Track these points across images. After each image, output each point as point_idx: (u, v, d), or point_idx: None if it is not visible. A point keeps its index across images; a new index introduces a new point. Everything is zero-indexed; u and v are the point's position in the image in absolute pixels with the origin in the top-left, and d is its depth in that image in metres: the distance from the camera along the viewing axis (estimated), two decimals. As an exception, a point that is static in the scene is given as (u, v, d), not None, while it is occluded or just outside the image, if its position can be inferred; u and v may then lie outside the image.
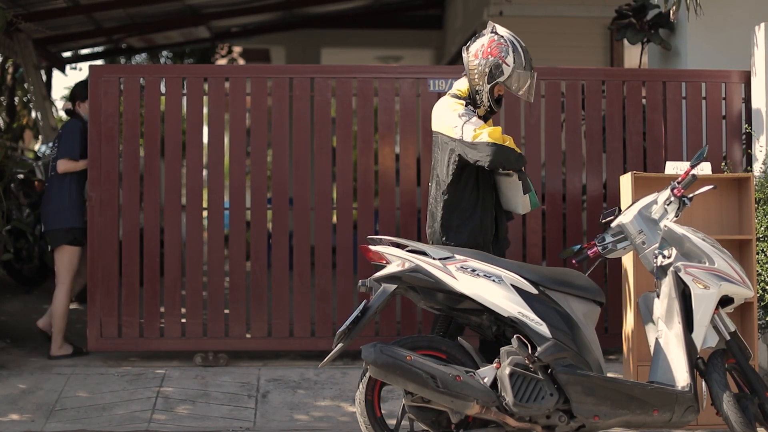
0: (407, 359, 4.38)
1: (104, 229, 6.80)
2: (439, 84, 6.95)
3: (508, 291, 4.51)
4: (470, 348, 4.65)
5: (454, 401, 4.38)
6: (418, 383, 4.37)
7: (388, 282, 4.57)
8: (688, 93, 6.97)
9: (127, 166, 6.86)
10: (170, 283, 6.86)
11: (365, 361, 4.42)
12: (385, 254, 4.65)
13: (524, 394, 4.43)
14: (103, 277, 6.79)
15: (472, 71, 5.12)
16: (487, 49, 5.09)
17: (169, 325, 6.84)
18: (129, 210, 6.85)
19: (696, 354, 4.59)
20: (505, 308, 4.50)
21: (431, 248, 4.67)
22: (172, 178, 6.91)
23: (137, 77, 6.93)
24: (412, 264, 4.56)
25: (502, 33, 5.16)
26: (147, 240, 6.85)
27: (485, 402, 4.39)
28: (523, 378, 4.44)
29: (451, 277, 4.52)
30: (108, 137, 6.83)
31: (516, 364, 4.44)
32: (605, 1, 10.03)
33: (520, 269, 4.61)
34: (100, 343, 6.81)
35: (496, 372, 4.49)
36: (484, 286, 4.51)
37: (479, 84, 5.12)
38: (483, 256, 4.67)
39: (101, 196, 6.80)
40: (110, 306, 6.80)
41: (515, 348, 4.46)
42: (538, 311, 4.50)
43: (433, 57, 16.83)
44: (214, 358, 6.78)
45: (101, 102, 6.83)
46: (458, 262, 4.56)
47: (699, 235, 4.76)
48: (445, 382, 4.36)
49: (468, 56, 5.14)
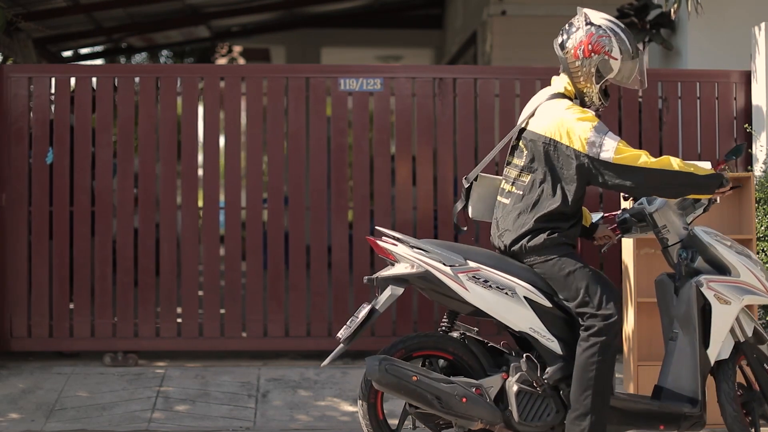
0: (412, 380, 4.27)
1: (14, 229, 6.80)
2: (350, 83, 6.95)
3: (521, 305, 4.36)
4: (478, 350, 4.52)
5: (458, 420, 4.34)
6: (422, 402, 4.31)
7: (396, 284, 4.42)
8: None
9: (37, 167, 6.83)
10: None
11: (369, 377, 4.33)
12: (394, 253, 4.45)
13: (530, 411, 4.36)
14: (12, 277, 6.79)
15: (575, 73, 4.46)
16: (587, 46, 4.42)
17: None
18: (38, 210, 6.83)
19: (708, 369, 4.52)
20: (516, 323, 4.38)
21: (442, 249, 4.45)
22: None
23: (46, 77, 6.90)
24: (422, 268, 4.39)
25: (598, 22, 4.48)
26: (56, 239, 6.82)
27: (490, 422, 4.35)
28: (530, 395, 4.36)
29: (462, 287, 4.36)
30: (17, 138, 6.82)
31: (524, 381, 4.36)
32: (605, 1, 10.02)
33: (535, 279, 4.43)
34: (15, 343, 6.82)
35: (503, 382, 4.41)
36: (496, 299, 4.36)
37: (587, 86, 4.48)
38: (497, 261, 4.45)
39: (11, 196, 6.80)
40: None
41: (524, 369, 4.35)
42: (551, 326, 4.37)
43: (433, 56, 16.84)
44: (124, 359, 6.77)
45: (10, 102, 6.82)
46: (470, 271, 4.37)
47: (726, 242, 4.61)
48: (450, 405, 4.28)
49: (566, 56, 4.48)
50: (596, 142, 4.30)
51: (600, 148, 4.29)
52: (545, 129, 4.42)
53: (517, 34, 11.10)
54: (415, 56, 17.18)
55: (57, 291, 6.83)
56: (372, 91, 6.98)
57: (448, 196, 6.97)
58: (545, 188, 4.40)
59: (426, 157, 6.98)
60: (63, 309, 6.82)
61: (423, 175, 6.99)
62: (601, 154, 4.29)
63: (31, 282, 6.81)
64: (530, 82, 7.00)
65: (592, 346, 4.28)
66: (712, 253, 4.55)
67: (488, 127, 7.04)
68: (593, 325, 4.29)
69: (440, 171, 6.99)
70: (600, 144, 4.29)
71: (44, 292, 6.82)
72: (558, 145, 4.37)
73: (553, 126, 4.38)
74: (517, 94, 7.03)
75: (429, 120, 6.98)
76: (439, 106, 6.99)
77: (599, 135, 4.31)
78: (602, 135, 4.31)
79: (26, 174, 6.82)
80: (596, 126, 4.33)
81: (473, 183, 4.68)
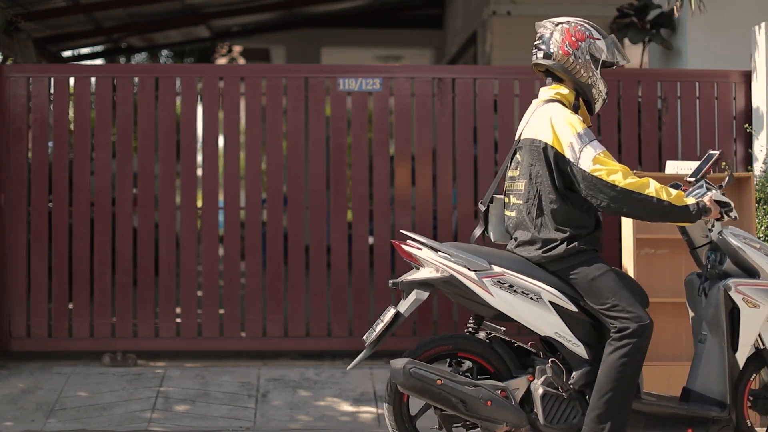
0: (437, 383, 4.27)
1: (13, 229, 6.80)
2: (349, 83, 6.95)
3: (546, 310, 4.34)
4: (504, 352, 4.50)
5: (483, 423, 4.35)
6: (447, 406, 4.31)
7: (421, 288, 4.42)
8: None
9: (36, 167, 6.84)
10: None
11: (393, 381, 4.32)
12: (419, 257, 4.44)
13: (555, 414, 4.36)
14: (11, 277, 6.79)
15: (574, 68, 4.43)
16: (571, 39, 4.43)
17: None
18: (37, 210, 6.83)
19: (737, 372, 4.49)
20: (541, 328, 4.37)
21: (466, 254, 4.42)
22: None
23: (45, 77, 6.89)
24: (446, 273, 4.38)
25: (563, 20, 4.55)
26: (55, 239, 6.82)
27: (515, 425, 4.36)
28: (556, 398, 4.36)
29: (487, 292, 4.34)
30: (16, 137, 6.82)
31: (549, 385, 4.36)
32: (605, 1, 10.01)
33: (560, 283, 4.39)
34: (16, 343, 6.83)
35: (528, 384, 4.41)
36: (521, 304, 4.34)
37: (591, 76, 4.44)
38: (522, 266, 4.41)
39: (10, 196, 6.80)
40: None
41: (550, 375, 4.35)
42: (576, 331, 4.36)
43: (433, 56, 16.84)
44: (123, 359, 6.76)
45: (9, 102, 6.83)
46: (495, 276, 4.35)
47: (755, 245, 4.55)
48: (475, 408, 4.29)
49: (557, 60, 4.45)
50: (577, 148, 4.27)
51: (579, 155, 4.26)
52: (537, 133, 4.41)
53: (517, 34, 11.08)
54: (415, 56, 17.17)
55: (56, 291, 6.83)
56: (371, 91, 6.98)
57: (447, 197, 6.97)
58: (545, 194, 4.36)
59: (426, 156, 6.98)
60: (62, 309, 6.82)
61: (422, 174, 6.99)
62: (579, 162, 4.26)
63: (30, 282, 6.81)
64: (529, 82, 7.01)
65: (623, 347, 4.24)
66: (741, 256, 4.50)
67: (488, 127, 7.04)
68: (627, 327, 4.25)
69: (439, 171, 6.99)
70: (580, 150, 4.26)
71: (43, 292, 6.82)
72: (548, 148, 4.35)
73: (544, 129, 4.38)
74: (517, 94, 7.03)
75: (428, 120, 6.98)
76: (438, 106, 6.99)
77: (582, 142, 4.27)
78: (585, 142, 4.27)
79: (25, 174, 6.82)
80: (581, 132, 4.30)
81: (489, 206, 4.66)
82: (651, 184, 4.26)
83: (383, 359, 6.96)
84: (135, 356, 6.81)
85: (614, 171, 4.23)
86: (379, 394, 6.27)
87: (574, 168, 4.26)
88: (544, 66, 4.51)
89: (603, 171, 4.22)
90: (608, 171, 4.23)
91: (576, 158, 4.26)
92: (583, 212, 4.37)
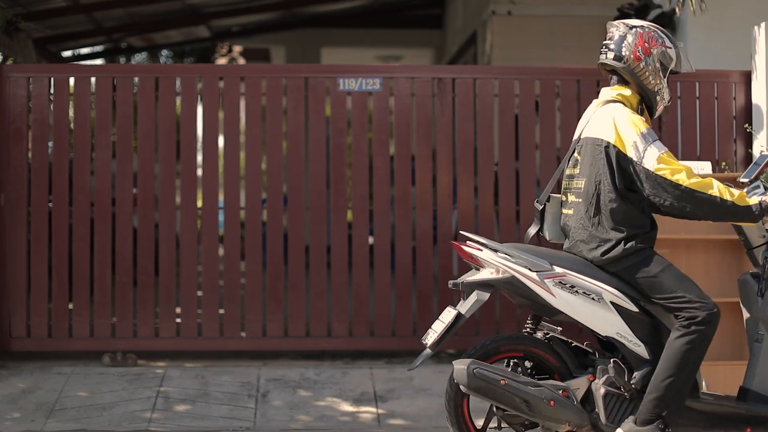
0: (501, 384, 4.28)
1: (13, 229, 6.80)
2: (349, 83, 6.95)
3: (607, 310, 4.35)
4: (563, 351, 4.52)
5: (545, 422, 4.37)
6: (510, 406, 4.33)
7: (482, 289, 4.43)
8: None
9: (36, 167, 6.84)
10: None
11: (457, 381, 4.33)
12: (480, 258, 4.46)
13: (617, 414, 4.38)
14: (11, 276, 6.79)
15: (643, 74, 4.47)
16: (643, 45, 4.46)
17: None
18: (37, 210, 6.83)
19: None
20: (603, 328, 4.38)
21: (527, 254, 4.43)
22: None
23: (45, 77, 6.89)
24: (508, 274, 4.39)
25: (638, 24, 4.57)
26: (55, 239, 6.82)
27: (577, 425, 4.38)
28: (617, 397, 4.38)
29: (548, 293, 4.36)
30: (16, 137, 6.82)
31: (611, 384, 4.38)
32: (605, 1, 10.02)
33: (621, 283, 4.40)
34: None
35: (589, 384, 4.43)
36: (582, 304, 4.36)
37: (658, 84, 4.51)
38: (583, 266, 4.43)
39: (10, 196, 6.80)
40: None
41: (612, 375, 4.37)
42: (637, 331, 4.37)
43: (433, 56, 16.84)
44: (123, 359, 6.76)
45: (9, 102, 6.82)
46: (557, 276, 4.37)
47: None
48: (538, 409, 4.30)
49: (627, 63, 4.47)
50: (641, 147, 4.31)
51: (643, 154, 4.30)
52: (599, 132, 4.43)
53: (517, 34, 11.09)
54: (415, 56, 17.17)
55: (56, 291, 6.83)
56: (371, 91, 6.98)
57: (447, 197, 6.97)
58: (605, 193, 4.38)
59: (425, 156, 6.99)
60: (62, 309, 6.82)
61: (422, 174, 6.99)
62: (643, 161, 4.29)
63: (30, 282, 6.81)
64: (529, 82, 7.02)
65: (691, 333, 4.26)
66: None
67: (487, 127, 7.04)
68: (696, 316, 4.26)
69: (439, 171, 6.99)
70: (644, 150, 4.30)
71: (43, 292, 6.82)
72: (610, 147, 4.37)
73: (607, 128, 4.40)
74: (516, 94, 7.03)
75: (428, 120, 6.98)
76: (438, 106, 6.99)
77: (645, 141, 4.31)
78: (648, 142, 4.31)
79: (25, 174, 6.82)
80: (645, 132, 4.34)
81: (545, 205, 4.68)
82: (714, 184, 4.30)
83: (383, 359, 6.98)
84: (135, 356, 6.81)
85: (678, 170, 4.27)
86: (379, 394, 6.28)
87: (637, 167, 4.30)
88: (611, 66, 4.54)
89: (667, 170, 4.26)
90: (672, 170, 4.27)
91: (640, 157, 4.30)
92: (641, 212, 4.40)
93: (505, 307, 6.86)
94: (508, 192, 7.01)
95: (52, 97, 6.87)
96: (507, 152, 7.05)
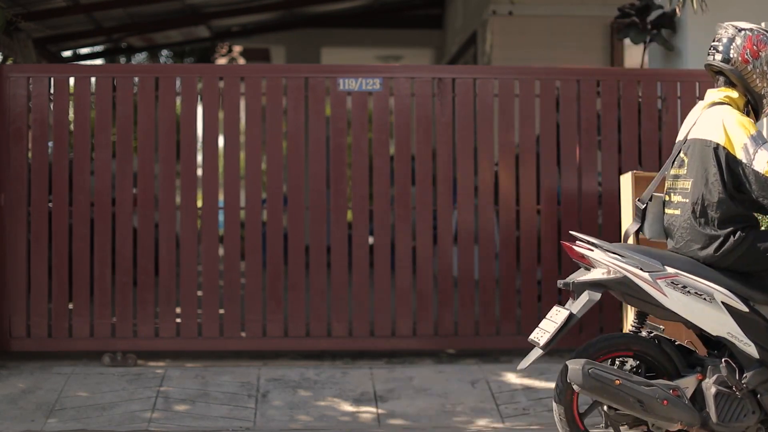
0: (615, 384, 4.31)
1: (13, 229, 6.79)
2: (349, 83, 6.95)
3: (719, 310, 4.38)
4: (671, 351, 4.53)
5: (657, 421, 4.39)
6: (624, 406, 4.35)
7: (594, 289, 4.44)
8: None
9: (36, 167, 6.83)
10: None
11: (571, 382, 4.34)
12: (591, 258, 4.48)
13: (728, 413, 4.39)
14: (11, 277, 6.78)
15: (750, 77, 4.53)
16: (752, 48, 4.55)
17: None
18: (37, 210, 6.83)
19: None
20: (714, 328, 4.41)
21: (639, 255, 4.45)
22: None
23: (45, 77, 6.89)
24: (620, 274, 4.41)
25: (747, 26, 4.67)
26: (55, 239, 6.81)
27: (689, 423, 4.39)
28: (728, 397, 4.40)
29: (661, 293, 4.38)
30: (16, 137, 6.82)
31: (722, 384, 4.39)
32: (606, 1, 10.02)
33: (731, 284, 4.43)
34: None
35: (698, 383, 4.44)
36: (695, 304, 4.38)
37: (765, 86, 4.56)
38: (693, 267, 4.45)
39: (10, 196, 6.80)
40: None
41: (724, 374, 4.38)
42: (748, 330, 4.39)
43: (433, 56, 16.84)
44: (123, 359, 6.75)
45: (9, 102, 6.82)
46: (669, 277, 4.39)
47: None
48: (651, 408, 4.32)
49: (735, 66, 4.55)
50: (751, 150, 4.35)
51: (753, 156, 4.34)
52: (707, 133, 4.48)
53: (517, 34, 11.10)
54: (415, 56, 17.18)
55: (56, 291, 6.83)
56: (371, 91, 6.98)
57: (447, 196, 6.97)
58: (714, 193, 4.42)
59: (425, 156, 6.99)
60: (62, 309, 6.82)
61: (421, 174, 6.99)
62: (753, 164, 4.33)
63: (30, 282, 6.81)
64: (529, 82, 7.01)
65: None
66: None
67: (487, 126, 7.04)
68: None
69: (439, 171, 6.99)
70: (754, 153, 4.34)
71: (43, 292, 6.82)
72: (719, 149, 4.41)
73: (716, 130, 4.44)
74: (516, 94, 7.03)
75: (428, 120, 6.98)
76: (438, 106, 6.99)
77: (756, 144, 4.36)
78: (759, 144, 4.35)
79: (25, 174, 6.82)
80: (754, 134, 4.38)
81: (647, 204, 4.70)
82: None
83: (383, 359, 6.98)
84: (135, 356, 6.81)
85: None
86: (379, 394, 6.28)
87: (747, 169, 4.35)
88: (717, 68, 4.59)
89: None
90: None
91: (750, 160, 4.34)
92: (747, 212, 4.46)
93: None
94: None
95: (52, 97, 6.87)
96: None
